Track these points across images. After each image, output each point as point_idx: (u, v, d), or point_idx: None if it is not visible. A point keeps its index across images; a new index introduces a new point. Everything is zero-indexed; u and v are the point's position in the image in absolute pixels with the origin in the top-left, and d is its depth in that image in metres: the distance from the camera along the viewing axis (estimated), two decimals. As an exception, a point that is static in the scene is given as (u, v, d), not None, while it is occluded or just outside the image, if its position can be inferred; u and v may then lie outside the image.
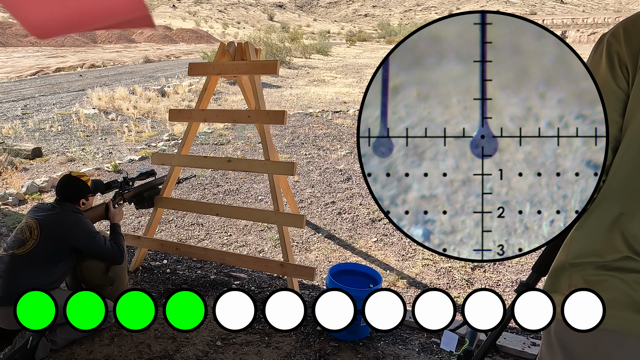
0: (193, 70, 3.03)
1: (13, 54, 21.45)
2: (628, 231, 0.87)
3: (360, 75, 16.41)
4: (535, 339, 2.45)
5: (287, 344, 2.43)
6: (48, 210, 2.41)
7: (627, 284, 0.87)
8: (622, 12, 65.76)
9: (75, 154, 6.17)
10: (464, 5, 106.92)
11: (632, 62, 0.87)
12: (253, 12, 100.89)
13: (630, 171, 0.88)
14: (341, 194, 4.81)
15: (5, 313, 2.17)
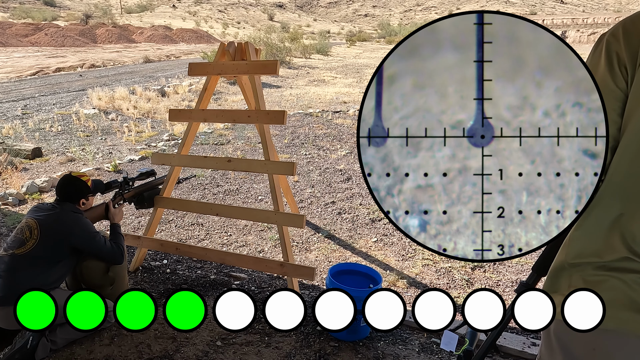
0: (193, 70, 3.04)
1: (13, 54, 21.45)
2: (628, 232, 0.87)
3: (360, 75, 16.41)
4: (535, 339, 2.45)
5: (287, 344, 2.43)
6: (48, 210, 2.41)
7: (626, 284, 0.86)
8: (622, 12, 65.75)
9: (75, 154, 6.17)
10: (464, 5, 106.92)
11: (631, 61, 0.87)
12: (253, 12, 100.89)
13: (629, 171, 0.88)
14: (341, 194, 4.81)
15: (5, 313, 2.17)
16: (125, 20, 55.55)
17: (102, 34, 32.40)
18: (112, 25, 38.82)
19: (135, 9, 79.50)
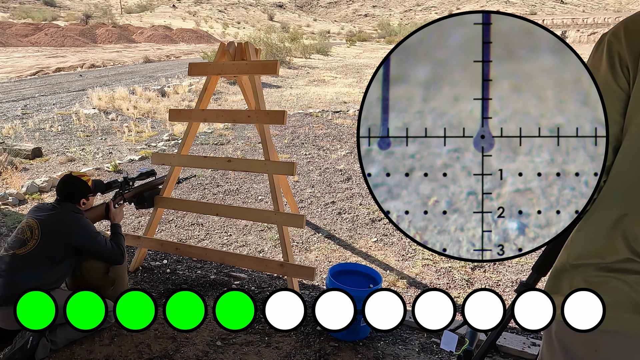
0: (193, 70, 3.03)
1: (13, 54, 21.45)
2: (630, 233, 0.87)
3: (360, 75, 16.41)
4: (535, 339, 2.45)
5: (287, 344, 2.43)
6: (49, 210, 2.41)
7: (628, 285, 0.86)
8: (622, 12, 65.73)
9: (75, 154, 6.17)
10: (464, 5, 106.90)
11: (633, 61, 0.87)
12: (253, 12, 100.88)
13: (632, 172, 0.88)
14: (341, 194, 4.81)
15: (6, 313, 2.17)
16: (125, 20, 55.56)
17: (102, 34, 32.39)
18: (112, 25, 38.81)
19: (135, 9, 79.49)
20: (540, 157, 0.91)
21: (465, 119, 0.92)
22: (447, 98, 0.93)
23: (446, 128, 0.93)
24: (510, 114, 0.92)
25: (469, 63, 0.91)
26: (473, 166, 0.93)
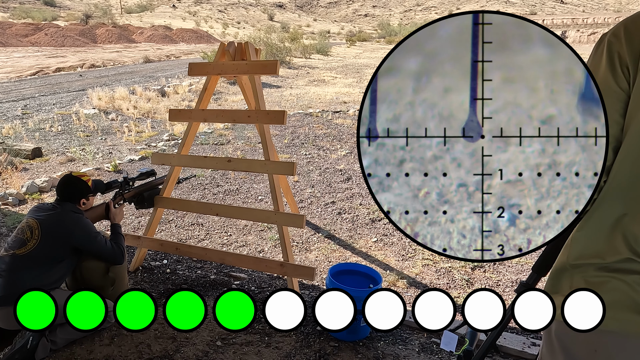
0: (193, 70, 3.03)
1: (13, 54, 21.45)
2: (630, 233, 0.87)
3: (360, 75, 16.41)
4: (535, 339, 2.45)
5: (287, 344, 2.43)
6: (49, 210, 2.41)
7: (628, 285, 0.86)
8: (622, 12, 65.74)
9: (75, 154, 6.17)
10: (464, 5, 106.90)
11: (633, 61, 0.87)
12: (253, 12, 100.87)
13: (632, 172, 0.88)
14: (341, 194, 4.81)
15: (6, 313, 2.17)
16: (125, 20, 55.55)
17: (102, 34, 32.39)
18: (112, 25, 38.80)
19: (135, 9, 79.47)
20: (532, 147, 0.91)
21: (456, 110, 0.92)
22: (438, 89, 0.92)
23: (437, 119, 0.93)
24: (502, 105, 0.91)
25: (459, 55, 0.91)
26: (463, 158, 0.93)
